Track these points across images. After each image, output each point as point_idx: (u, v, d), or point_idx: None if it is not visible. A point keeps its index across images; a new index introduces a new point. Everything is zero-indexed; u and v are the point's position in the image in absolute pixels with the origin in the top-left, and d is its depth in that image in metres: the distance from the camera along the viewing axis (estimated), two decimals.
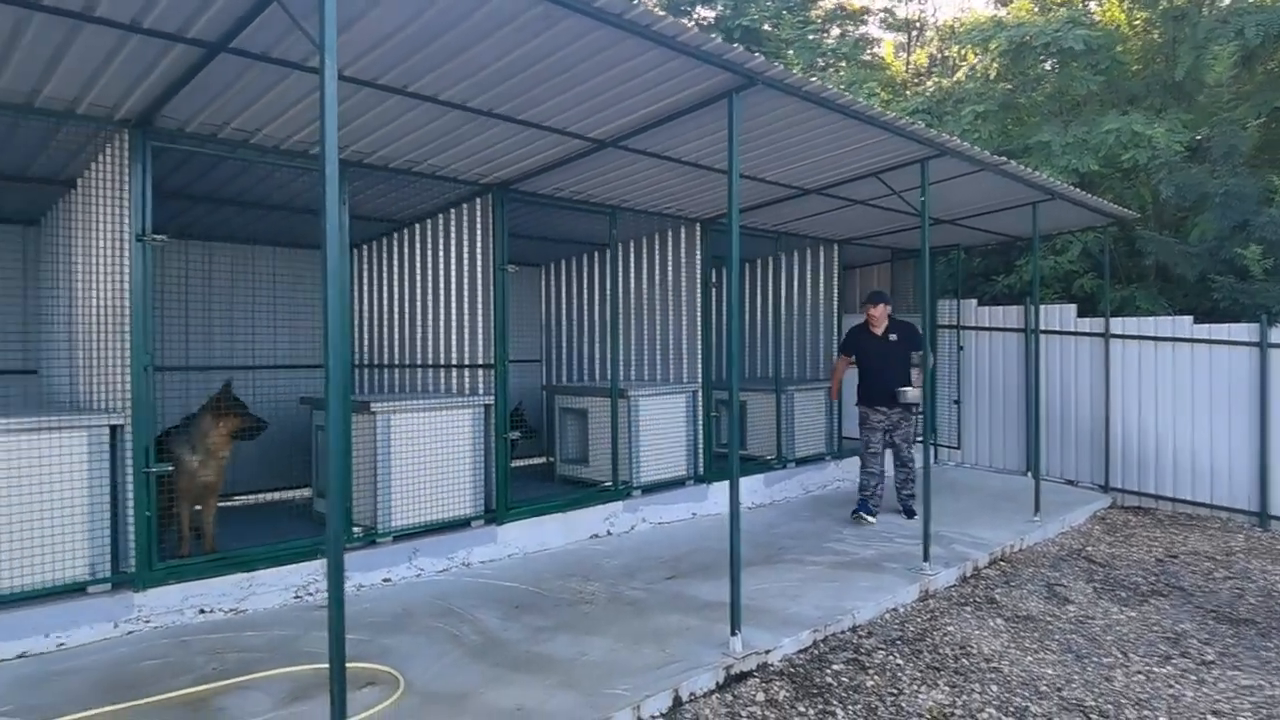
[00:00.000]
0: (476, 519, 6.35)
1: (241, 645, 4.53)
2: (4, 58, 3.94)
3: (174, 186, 6.04)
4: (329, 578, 2.87)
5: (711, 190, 7.19)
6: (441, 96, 4.75)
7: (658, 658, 4.42)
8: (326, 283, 2.89)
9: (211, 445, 5.45)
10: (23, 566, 4.41)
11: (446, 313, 7.08)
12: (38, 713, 3.68)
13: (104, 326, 4.91)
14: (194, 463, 5.39)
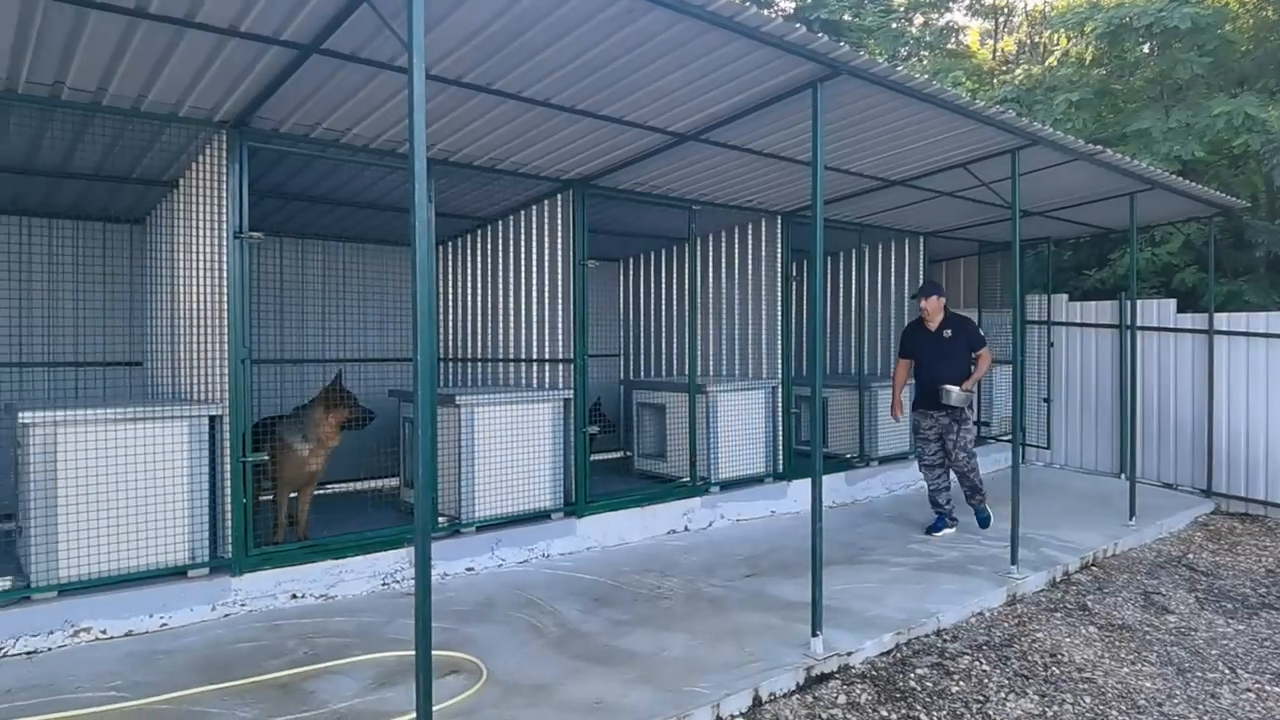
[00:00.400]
0: (556, 512, 6.41)
1: (331, 630, 4.68)
2: (114, 64, 4.12)
3: (269, 186, 6.25)
4: (417, 569, 2.92)
5: (793, 182, 7.08)
6: (524, 93, 4.79)
7: (737, 656, 4.39)
8: (415, 278, 2.94)
9: (322, 435, 5.61)
10: (130, 550, 4.63)
11: (527, 308, 7.16)
12: (143, 689, 3.86)
13: (204, 321, 5.12)
14: (304, 451, 5.57)
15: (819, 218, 4.55)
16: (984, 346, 6.96)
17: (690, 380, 7.41)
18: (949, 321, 7.13)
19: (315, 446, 5.59)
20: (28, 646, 4.27)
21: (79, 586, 4.47)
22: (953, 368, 6.94)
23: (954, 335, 7.04)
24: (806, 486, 8.00)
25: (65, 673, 4.04)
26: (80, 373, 6.79)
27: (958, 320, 7.19)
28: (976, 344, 7.02)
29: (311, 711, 3.65)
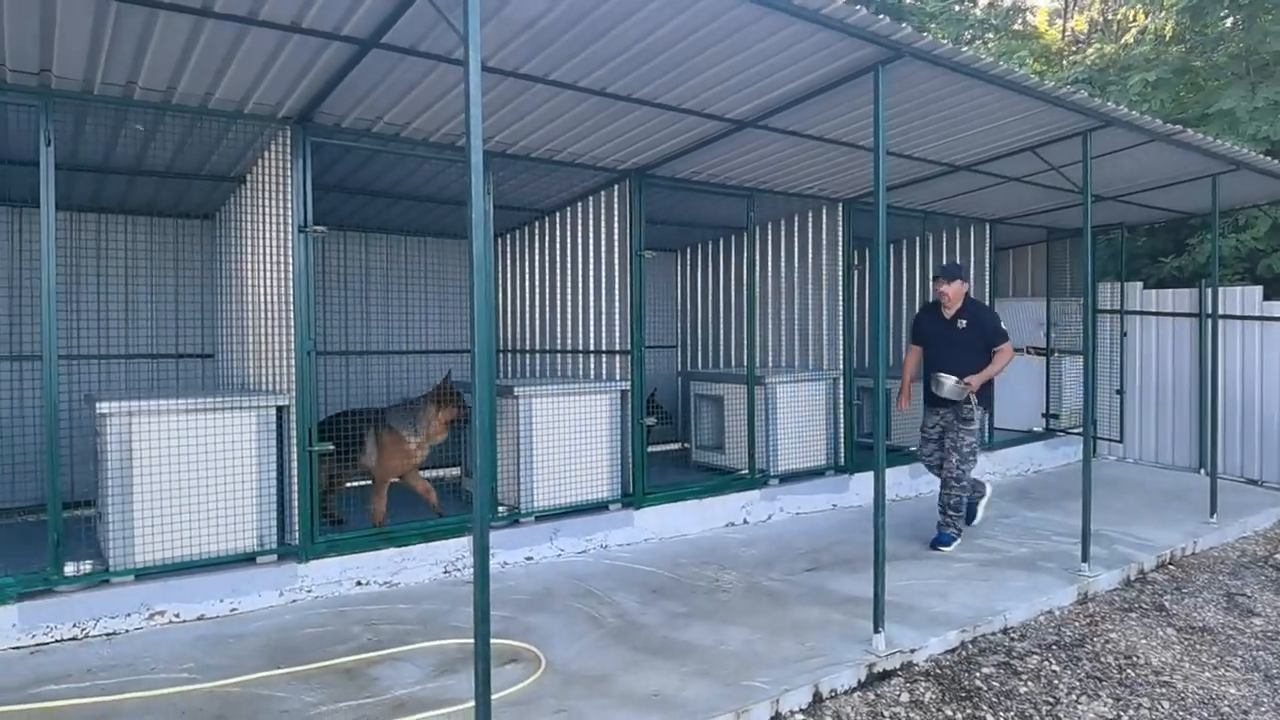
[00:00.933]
0: (614, 503, 6.41)
1: (394, 617, 4.75)
2: (182, 63, 4.23)
3: (333, 180, 6.36)
4: (475, 558, 2.94)
5: (855, 169, 6.94)
6: (581, 83, 4.78)
7: (797, 651, 4.33)
8: (472, 270, 2.94)
9: (431, 430, 5.87)
10: (202, 536, 4.78)
11: (585, 299, 7.17)
12: (214, 671, 3.98)
13: (271, 313, 5.24)
14: (412, 443, 5.84)
15: (881, 205, 4.44)
16: (1004, 342, 6.24)
17: (749, 371, 7.34)
18: (967, 310, 6.39)
19: (423, 440, 5.87)
20: (107, 628, 4.43)
21: (154, 571, 4.63)
22: (963, 362, 6.17)
23: (969, 326, 6.28)
24: (869, 479, 7.91)
25: (142, 654, 4.19)
26: (155, 364, 7.03)
27: (977, 310, 6.47)
28: (995, 339, 6.26)
29: (374, 698, 3.71)
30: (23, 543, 5.27)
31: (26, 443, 6.09)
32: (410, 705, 3.63)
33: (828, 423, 7.94)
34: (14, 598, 4.24)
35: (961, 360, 6.17)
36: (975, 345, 6.20)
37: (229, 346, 6.19)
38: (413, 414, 5.91)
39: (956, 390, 6.10)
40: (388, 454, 5.84)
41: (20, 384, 6.39)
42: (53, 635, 4.31)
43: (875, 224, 4.46)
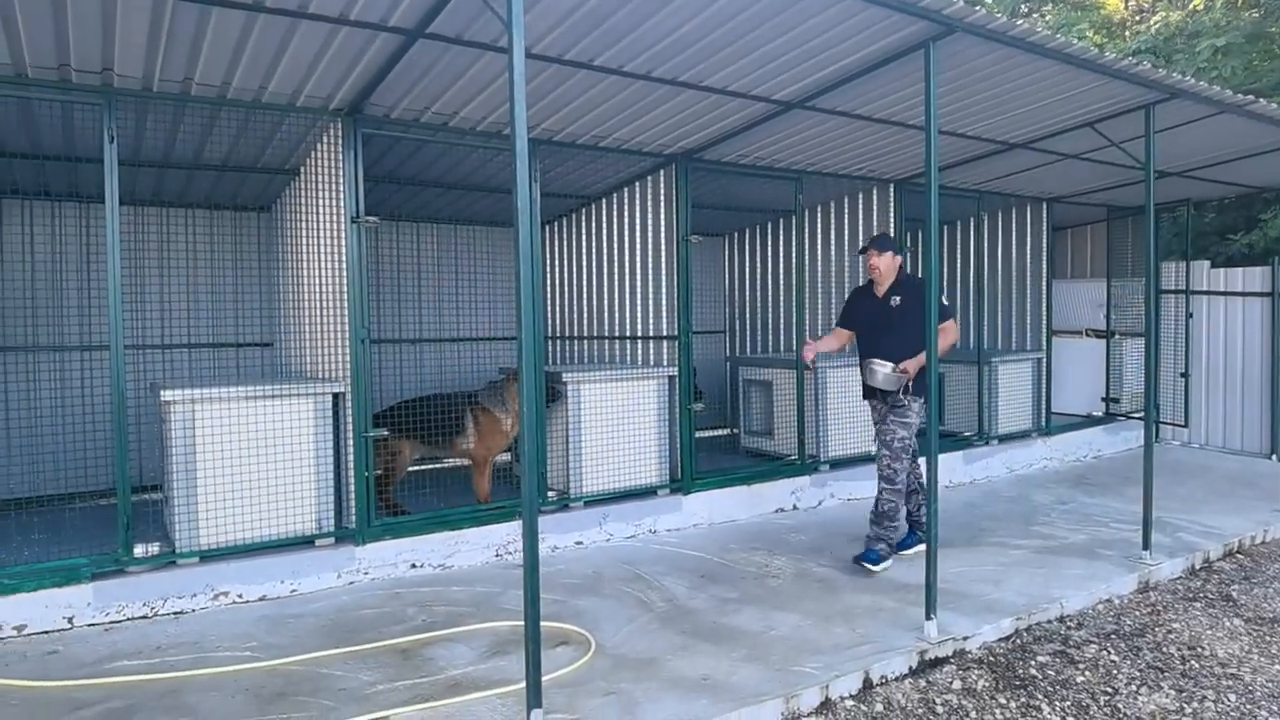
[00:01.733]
0: (662, 488, 6.43)
1: (448, 599, 4.85)
2: (236, 58, 4.33)
3: (383, 171, 6.45)
4: (525, 544, 2.98)
5: (906, 149, 6.82)
6: (625, 68, 4.77)
7: (848, 637, 4.30)
8: (518, 258, 2.97)
9: (518, 407, 5.90)
10: (263, 519, 4.93)
11: (631, 285, 7.18)
12: (276, 650, 4.10)
13: (326, 303, 5.35)
14: (506, 423, 6.09)
15: (933, 185, 4.35)
16: (947, 319, 5.34)
17: (797, 356, 7.27)
18: (901, 286, 5.53)
19: (514, 419, 6.09)
20: (175, 607, 4.60)
21: (218, 553, 4.79)
22: (898, 345, 5.33)
23: (903, 304, 5.42)
24: (921, 463, 7.83)
25: (207, 633, 4.34)
26: (216, 354, 7.24)
27: (912, 285, 5.54)
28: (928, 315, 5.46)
29: (429, 677, 3.79)
30: (95, 526, 5.49)
31: (97, 430, 6.33)
32: (464, 685, 3.71)
33: None
34: (89, 577, 4.42)
35: (897, 344, 5.34)
36: (913, 325, 5.14)
37: (286, 335, 6.34)
38: (500, 394, 6.16)
39: (893, 379, 5.33)
40: (486, 434, 6.10)
41: (90, 373, 6.63)
42: (124, 613, 4.49)
43: (927, 205, 4.39)
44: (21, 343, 6.47)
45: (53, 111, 4.85)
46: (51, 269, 6.63)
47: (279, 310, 6.69)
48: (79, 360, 6.64)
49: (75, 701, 3.54)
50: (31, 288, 6.54)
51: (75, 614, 4.38)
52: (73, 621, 4.37)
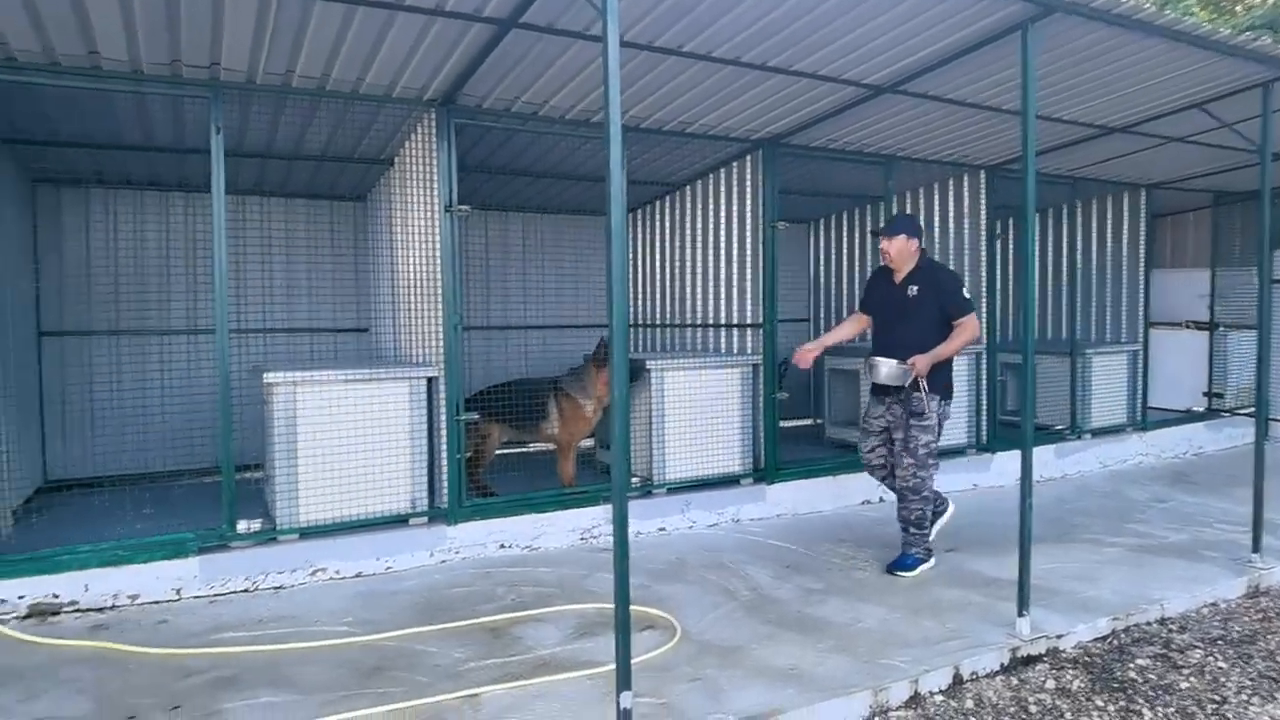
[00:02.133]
0: (745, 477, 6.41)
1: (535, 580, 4.94)
2: (335, 50, 4.46)
3: (474, 161, 6.56)
4: (615, 529, 3.00)
5: (999, 134, 6.61)
6: (715, 54, 4.75)
7: (937, 632, 4.23)
8: (611, 244, 2.98)
9: (599, 393, 6.10)
10: (360, 498, 5.10)
11: (716, 273, 7.16)
12: (371, 626, 4.24)
13: (420, 290, 5.48)
14: (588, 408, 6.14)
15: (1030, 171, 4.21)
16: (966, 314, 4.97)
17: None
18: (920, 274, 5.12)
19: (595, 404, 6.14)
20: (275, 582, 4.81)
21: (317, 530, 4.98)
22: (912, 337, 4.98)
23: (922, 293, 5.04)
24: (1012, 459, 7.64)
25: (306, 607, 4.52)
26: (314, 338, 7.49)
27: (933, 273, 5.14)
28: (954, 309, 4.99)
29: (518, 656, 3.87)
30: (200, 502, 5.77)
31: (200, 410, 6.64)
32: (552, 665, 3.77)
33: (970, 400, 7.65)
34: (195, 551, 4.66)
35: (912, 335, 4.99)
36: (930, 316, 4.98)
37: (381, 321, 6.53)
38: (582, 380, 6.19)
39: (898, 374, 4.95)
40: (569, 420, 6.16)
41: (195, 357, 6.96)
42: (228, 587, 4.71)
43: (1023, 192, 4.25)
44: (133, 327, 6.82)
45: (163, 105, 5.08)
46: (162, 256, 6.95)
47: (373, 297, 6.89)
48: (185, 344, 6.97)
49: (185, 669, 3.72)
50: (142, 274, 6.87)
51: (183, 586, 4.61)
52: (180, 593, 4.61)
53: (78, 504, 5.86)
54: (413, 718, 3.27)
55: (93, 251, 6.72)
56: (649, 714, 3.29)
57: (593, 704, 3.39)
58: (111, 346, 6.76)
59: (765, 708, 3.40)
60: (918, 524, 5.18)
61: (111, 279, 6.76)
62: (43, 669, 3.71)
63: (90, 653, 3.89)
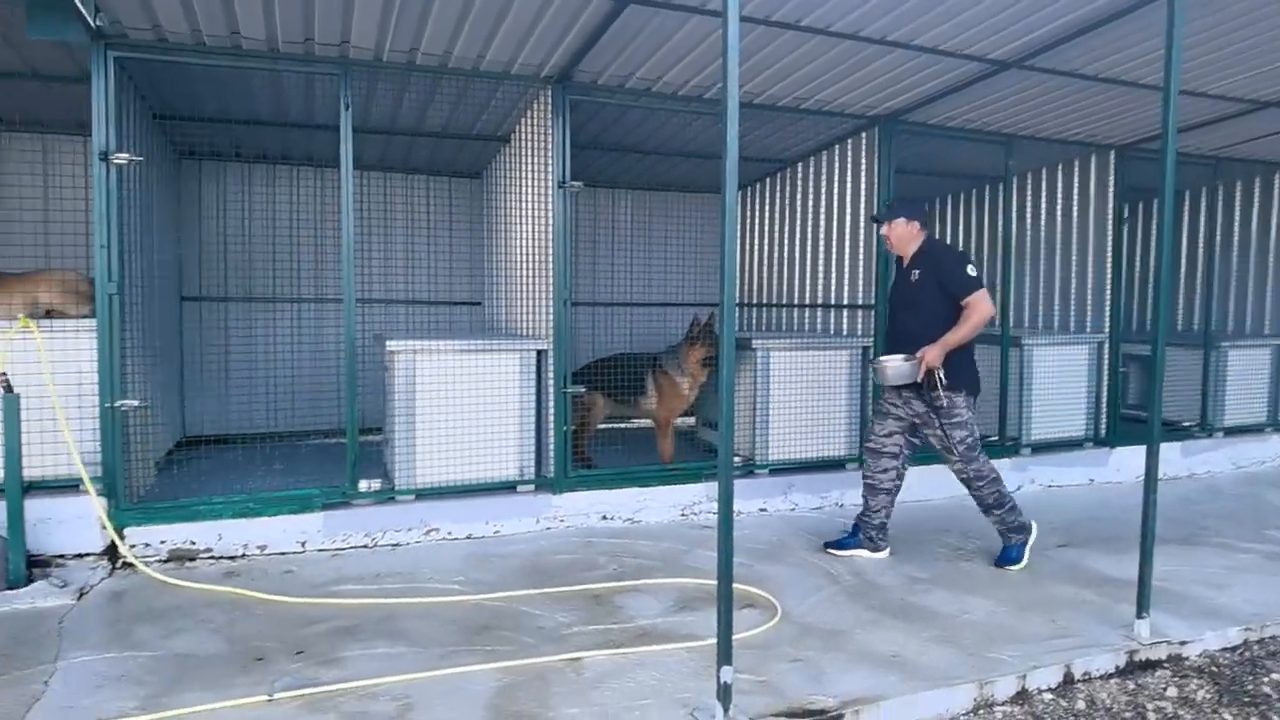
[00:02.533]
0: (851, 462, 6.31)
1: (635, 552, 5.02)
2: (458, 29, 4.57)
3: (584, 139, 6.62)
4: (720, 504, 3.02)
5: (1131, 111, 6.24)
6: (834, 28, 4.65)
7: (1047, 629, 4.09)
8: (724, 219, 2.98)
9: (693, 371, 6.17)
10: (472, 464, 5.29)
11: (825, 252, 7.04)
12: (481, 586, 4.41)
13: (532, 265, 5.61)
14: (684, 386, 6.21)
15: (1170, 151, 3.95)
16: (973, 291, 4.58)
17: (1003, 332, 6.89)
18: (923, 257, 4.80)
19: (690, 381, 6.19)
20: (392, 540, 5.04)
21: (432, 492, 5.19)
22: (918, 326, 4.68)
23: (922, 277, 4.73)
24: (1131, 454, 7.28)
25: (420, 564, 4.72)
26: (431, 310, 7.77)
27: (933, 254, 4.80)
28: (957, 287, 4.61)
29: (620, 624, 3.95)
30: (322, 461, 6.09)
31: (324, 374, 6.99)
32: (652, 635, 3.83)
33: (1089, 391, 7.32)
34: (320, 507, 4.92)
35: (917, 325, 4.70)
36: (935, 301, 4.65)
37: (493, 295, 6.70)
38: (678, 357, 6.23)
39: (906, 372, 4.62)
40: (666, 396, 6.23)
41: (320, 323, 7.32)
42: (349, 542, 4.97)
43: (1162, 173, 3.99)
44: (264, 294, 7.21)
45: (295, 82, 5.33)
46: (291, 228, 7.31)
47: (486, 271, 7.07)
48: (311, 311, 7.33)
49: (309, 617, 3.95)
50: (273, 244, 7.26)
51: (307, 539, 4.89)
52: (305, 545, 4.89)
53: (212, 459, 6.27)
54: (519, 675, 3.38)
55: (228, 222, 7.14)
56: (749, 690, 3.30)
57: (691, 676, 3.43)
58: (244, 312, 7.18)
59: (867, 692, 3.37)
60: (998, 504, 4.89)
61: (245, 248, 7.17)
62: (182, 609, 4.01)
63: (223, 597, 4.18)
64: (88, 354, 4.56)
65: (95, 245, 4.41)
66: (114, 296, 4.44)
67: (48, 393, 4.47)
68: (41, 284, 4.80)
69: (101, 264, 4.42)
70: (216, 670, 3.36)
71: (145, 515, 4.60)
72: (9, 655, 3.46)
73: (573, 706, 3.15)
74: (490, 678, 3.36)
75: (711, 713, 3.08)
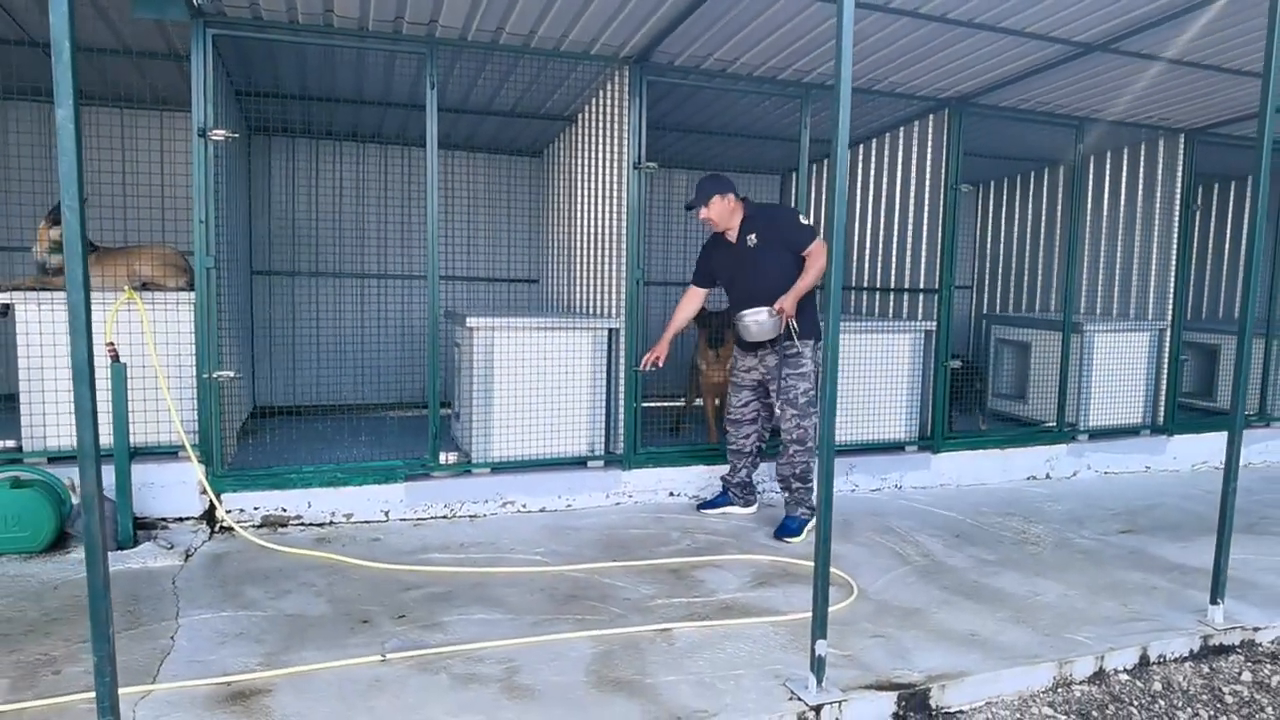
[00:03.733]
0: (910, 445, 6.36)
1: (706, 528, 5.12)
2: (547, 6, 4.59)
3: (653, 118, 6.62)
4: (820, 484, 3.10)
5: (1210, 94, 6.15)
6: (923, 10, 4.63)
7: (1119, 612, 4.13)
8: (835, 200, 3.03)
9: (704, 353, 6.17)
10: (546, 439, 5.41)
11: (887, 234, 7.04)
12: (560, 557, 4.52)
13: (604, 244, 5.67)
14: (701, 365, 6.23)
15: (1267, 135, 3.92)
16: (813, 240, 4.78)
17: (1065, 318, 6.87)
18: (751, 221, 4.91)
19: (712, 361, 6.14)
20: (470, 511, 5.17)
21: (507, 466, 5.31)
22: (768, 284, 4.80)
23: (761, 238, 4.84)
24: (1190, 442, 7.28)
25: (499, 535, 4.85)
26: (492, 287, 7.87)
27: (765, 216, 4.95)
28: (801, 239, 4.80)
29: (702, 598, 4.04)
30: (385, 435, 6.22)
31: (388, 349, 7.12)
32: (735, 609, 3.93)
33: (1148, 378, 7.30)
34: (403, 478, 5.06)
35: (766, 284, 4.82)
36: (780, 259, 4.83)
37: (553, 273, 6.78)
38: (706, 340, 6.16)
39: (771, 326, 4.77)
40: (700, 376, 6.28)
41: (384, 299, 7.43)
42: (430, 512, 5.11)
43: (1257, 157, 3.96)
44: (330, 269, 7.35)
45: (375, 61, 5.41)
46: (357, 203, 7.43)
47: (545, 249, 7.14)
48: (376, 286, 7.47)
49: (403, 583, 4.09)
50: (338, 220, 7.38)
51: (390, 509, 5.03)
52: (388, 515, 5.03)
53: (283, 429, 6.43)
54: (612, 644, 3.49)
55: (296, 197, 7.27)
56: (835, 664, 3.39)
57: (779, 649, 3.52)
58: (311, 287, 7.32)
59: (950, 668, 3.45)
60: (804, 476, 4.98)
61: (312, 223, 7.30)
62: (283, 572, 4.17)
63: (319, 562, 4.33)
64: (186, 326, 4.71)
65: (194, 220, 4.53)
66: (211, 270, 4.57)
67: (149, 363, 4.63)
68: (141, 257, 4.94)
69: (200, 239, 4.55)
70: (327, 630, 3.51)
71: (240, 482, 4.75)
72: (134, 611, 3.62)
73: (670, 674, 3.25)
74: (586, 645, 3.47)
75: (805, 683, 3.18)
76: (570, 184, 6.33)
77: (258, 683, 3.04)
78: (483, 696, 3.01)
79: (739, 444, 5.24)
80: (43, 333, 4.53)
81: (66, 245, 2.13)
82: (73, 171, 2.12)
